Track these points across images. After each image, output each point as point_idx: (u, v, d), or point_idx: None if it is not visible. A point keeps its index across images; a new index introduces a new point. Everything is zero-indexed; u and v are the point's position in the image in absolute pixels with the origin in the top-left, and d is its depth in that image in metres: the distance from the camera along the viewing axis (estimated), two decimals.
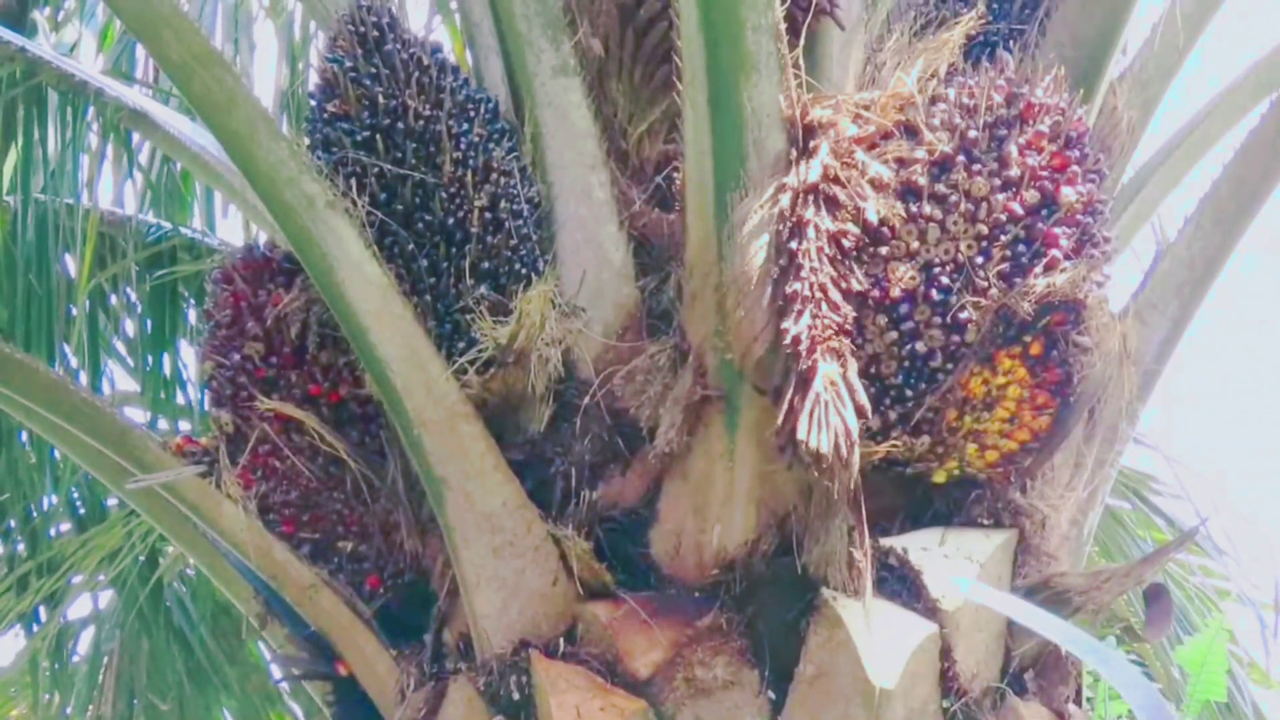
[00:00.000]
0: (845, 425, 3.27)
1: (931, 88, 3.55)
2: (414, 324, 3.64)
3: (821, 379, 3.30)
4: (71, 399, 4.13)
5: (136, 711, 6.43)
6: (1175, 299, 4.03)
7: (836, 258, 3.43)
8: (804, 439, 3.26)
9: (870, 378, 3.44)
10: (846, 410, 3.29)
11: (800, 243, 3.40)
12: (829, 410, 3.28)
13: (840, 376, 3.32)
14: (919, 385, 3.46)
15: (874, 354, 3.46)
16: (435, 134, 3.69)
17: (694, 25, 3.41)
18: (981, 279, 3.41)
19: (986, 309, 3.41)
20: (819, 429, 3.26)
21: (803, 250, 3.39)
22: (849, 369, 3.35)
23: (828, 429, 3.26)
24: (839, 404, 3.29)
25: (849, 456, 3.27)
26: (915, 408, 3.47)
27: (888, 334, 3.45)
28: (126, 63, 6.71)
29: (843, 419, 3.27)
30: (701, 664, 3.56)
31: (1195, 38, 4.29)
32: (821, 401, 3.28)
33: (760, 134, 3.49)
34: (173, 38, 3.55)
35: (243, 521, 3.86)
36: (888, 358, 3.46)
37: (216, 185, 6.09)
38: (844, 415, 3.28)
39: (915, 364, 3.45)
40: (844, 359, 3.35)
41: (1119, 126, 4.02)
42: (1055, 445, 3.62)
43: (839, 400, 3.29)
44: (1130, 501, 6.65)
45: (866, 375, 3.42)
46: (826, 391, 3.29)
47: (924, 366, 3.45)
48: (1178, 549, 4.85)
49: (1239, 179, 4.02)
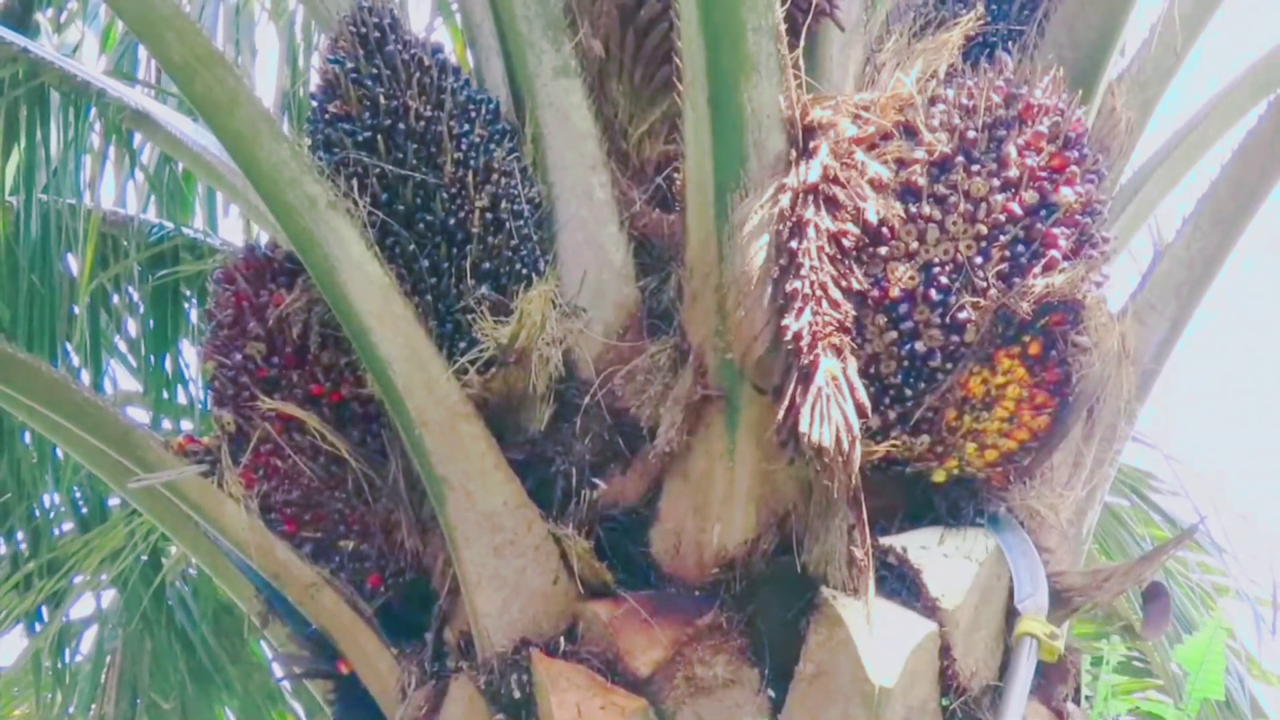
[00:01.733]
0: (846, 420, 3.28)
1: (931, 88, 3.55)
2: (415, 324, 3.65)
3: (823, 374, 3.31)
4: (74, 398, 4.14)
5: (139, 710, 6.43)
6: (1173, 299, 4.03)
7: (837, 257, 3.44)
8: (805, 432, 3.27)
9: (870, 377, 3.44)
10: (847, 405, 3.30)
11: (800, 242, 3.41)
12: (830, 404, 3.29)
13: (841, 372, 3.33)
14: (918, 385, 3.47)
15: (874, 353, 3.47)
16: (436, 135, 3.69)
17: (695, 26, 3.42)
18: (981, 279, 3.42)
19: (986, 309, 3.41)
20: (821, 422, 3.27)
21: (803, 249, 3.40)
22: (849, 365, 3.36)
23: (829, 423, 3.27)
24: (840, 398, 3.30)
25: (850, 452, 3.28)
26: (914, 407, 3.48)
27: (887, 334, 3.46)
28: (129, 64, 6.72)
29: (844, 413, 3.29)
30: (702, 662, 3.56)
31: (1193, 39, 4.30)
32: (823, 396, 3.29)
33: (760, 135, 3.50)
34: (175, 39, 3.56)
35: (245, 521, 3.86)
36: (887, 357, 3.47)
37: (218, 185, 6.10)
38: (845, 410, 3.29)
39: (914, 364, 3.46)
40: (844, 355, 3.36)
41: (1117, 127, 4.03)
42: (1054, 445, 3.62)
43: (840, 395, 3.30)
44: (1129, 499, 6.66)
45: (866, 375, 3.43)
46: (828, 386, 3.30)
47: (923, 366, 3.46)
48: (1176, 547, 4.86)
49: (1237, 179, 4.03)
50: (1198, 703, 3.50)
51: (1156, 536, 6.53)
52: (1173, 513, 6.61)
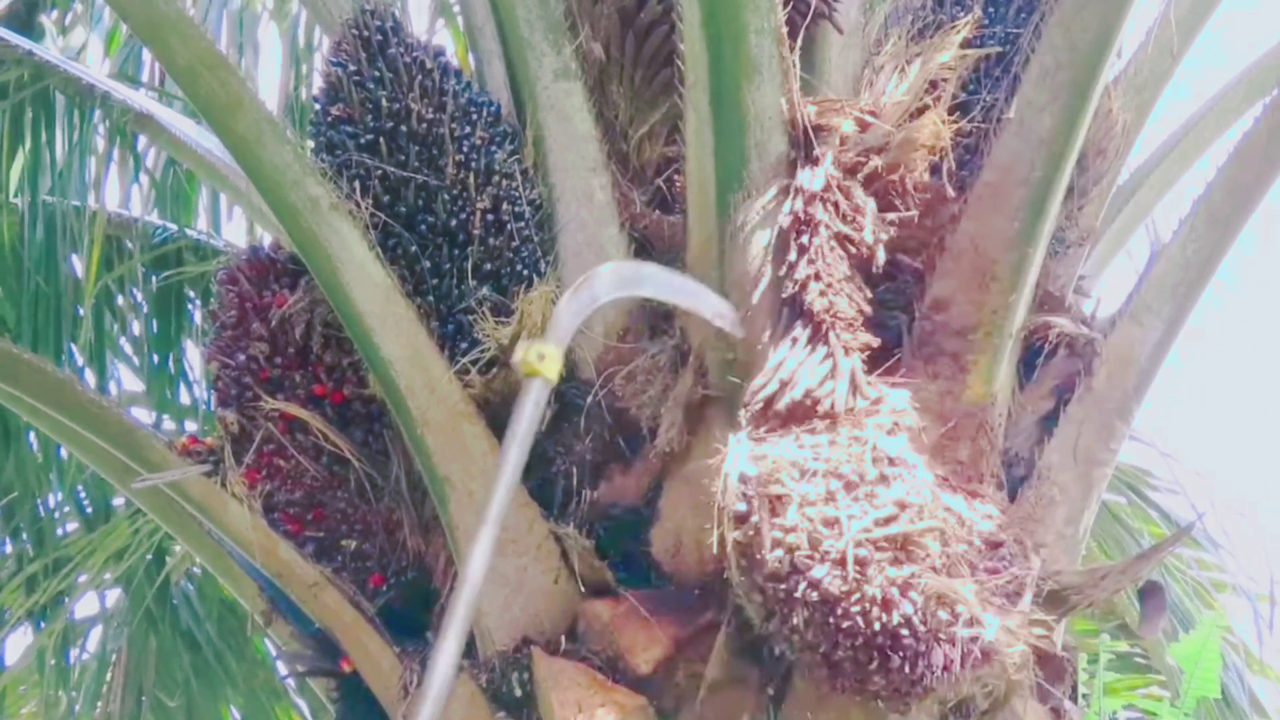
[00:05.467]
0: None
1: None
2: (417, 325, 3.67)
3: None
4: (78, 398, 4.16)
5: (144, 708, 6.43)
6: (1170, 300, 4.03)
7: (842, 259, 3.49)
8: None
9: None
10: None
11: (812, 238, 3.44)
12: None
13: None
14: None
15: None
16: (438, 137, 3.71)
17: (697, 29, 3.44)
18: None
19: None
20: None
21: (815, 246, 3.43)
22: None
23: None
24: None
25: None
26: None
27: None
28: (133, 66, 6.72)
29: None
30: (702, 660, 3.57)
31: (1189, 42, 4.31)
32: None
33: (762, 136, 3.52)
34: (178, 42, 3.58)
35: (248, 520, 3.88)
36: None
37: (222, 187, 6.13)
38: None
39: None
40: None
41: (1114, 129, 4.04)
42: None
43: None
44: (1126, 496, 6.67)
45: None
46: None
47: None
48: (1174, 544, 4.86)
49: (1233, 181, 4.04)
50: (1194, 701, 3.51)
51: (1154, 533, 6.53)
52: (1170, 510, 6.62)
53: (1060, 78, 3.57)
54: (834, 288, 3.42)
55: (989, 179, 3.64)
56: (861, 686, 3.22)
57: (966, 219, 3.65)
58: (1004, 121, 3.63)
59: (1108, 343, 3.94)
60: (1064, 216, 3.97)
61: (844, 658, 3.18)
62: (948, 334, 3.65)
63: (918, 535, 3.19)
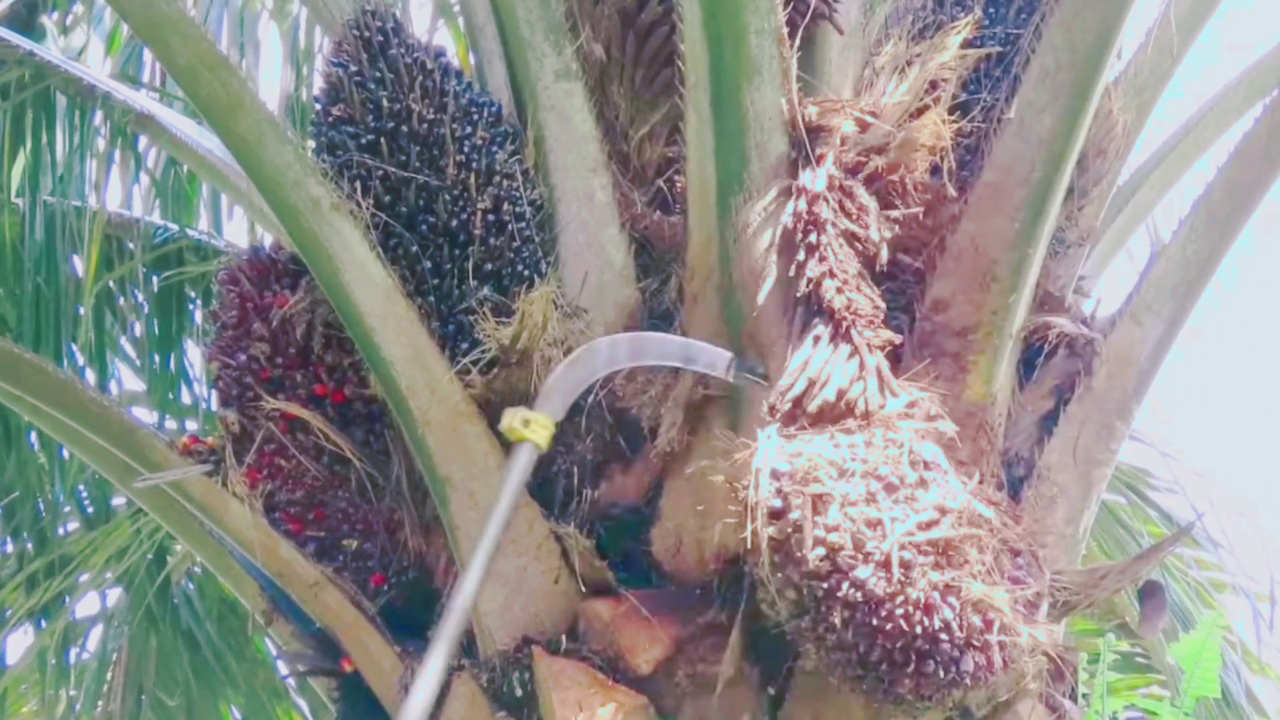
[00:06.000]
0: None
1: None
2: (418, 325, 3.68)
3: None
4: (79, 398, 4.16)
5: (145, 707, 6.44)
6: (1170, 300, 4.03)
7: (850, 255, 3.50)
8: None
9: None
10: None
11: (820, 236, 3.45)
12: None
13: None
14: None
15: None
16: (439, 137, 3.72)
17: (698, 29, 3.44)
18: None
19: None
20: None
21: (824, 245, 3.44)
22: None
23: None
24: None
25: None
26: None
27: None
28: (134, 67, 6.73)
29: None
30: (703, 660, 3.58)
31: (1189, 42, 4.32)
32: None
33: (762, 137, 3.52)
34: (179, 42, 3.58)
35: (249, 519, 3.88)
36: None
37: (223, 188, 6.13)
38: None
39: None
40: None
41: (1114, 130, 4.05)
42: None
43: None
44: (1126, 496, 6.67)
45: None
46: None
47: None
48: (1174, 544, 4.86)
49: (1233, 181, 4.04)
50: (1193, 701, 3.51)
51: (1154, 533, 6.54)
52: (1170, 510, 6.62)
53: (1061, 78, 3.57)
54: (850, 284, 3.43)
55: (989, 179, 3.65)
56: (890, 689, 3.21)
57: (967, 219, 3.66)
58: (1004, 122, 3.64)
59: (1108, 343, 3.95)
60: (1064, 217, 3.98)
61: (880, 659, 3.17)
62: (948, 334, 3.66)
63: (959, 541, 3.20)
